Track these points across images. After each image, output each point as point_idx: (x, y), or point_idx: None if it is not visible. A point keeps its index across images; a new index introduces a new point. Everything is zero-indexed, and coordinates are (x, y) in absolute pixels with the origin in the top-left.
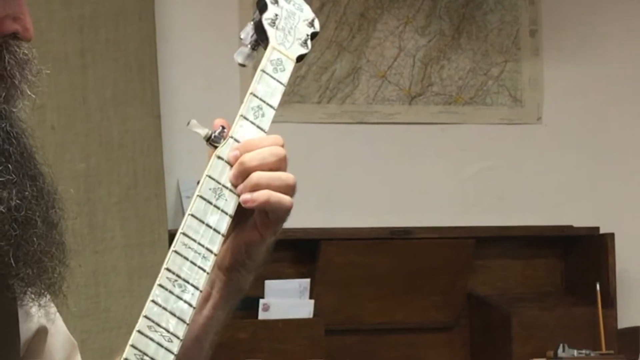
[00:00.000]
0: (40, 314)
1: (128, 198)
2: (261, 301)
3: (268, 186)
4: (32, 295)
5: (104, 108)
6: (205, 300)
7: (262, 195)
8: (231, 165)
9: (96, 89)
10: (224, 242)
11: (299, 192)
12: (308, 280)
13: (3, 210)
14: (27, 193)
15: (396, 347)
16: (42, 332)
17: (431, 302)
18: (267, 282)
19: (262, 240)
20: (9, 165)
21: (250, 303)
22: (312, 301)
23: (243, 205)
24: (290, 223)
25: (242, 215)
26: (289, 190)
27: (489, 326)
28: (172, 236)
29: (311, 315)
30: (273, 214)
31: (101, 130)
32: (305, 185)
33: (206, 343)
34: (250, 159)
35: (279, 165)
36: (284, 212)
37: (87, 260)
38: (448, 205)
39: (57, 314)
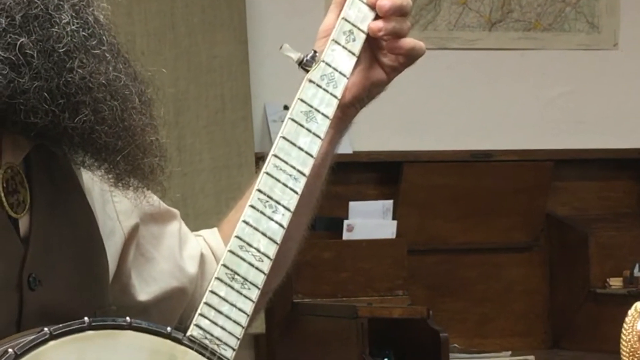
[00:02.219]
0: (123, 219)
1: (216, 121)
2: (345, 222)
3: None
4: (129, 186)
5: (193, 34)
6: None
7: (408, 42)
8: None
9: (184, 15)
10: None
11: (383, 116)
12: (391, 201)
13: (104, 82)
14: (123, 78)
15: (477, 267)
16: (133, 233)
17: (511, 223)
18: (352, 204)
19: (388, 81)
20: (104, 38)
21: (335, 224)
22: (395, 222)
23: (388, 50)
24: (374, 146)
25: (369, 56)
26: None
27: (567, 246)
28: (258, 159)
29: (394, 236)
30: (409, 59)
31: (190, 55)
32: (388, 110)
33: (323, 177)
34: None
35: None
36: (419, 57)
37: (176, 183)
38: (527, 129)
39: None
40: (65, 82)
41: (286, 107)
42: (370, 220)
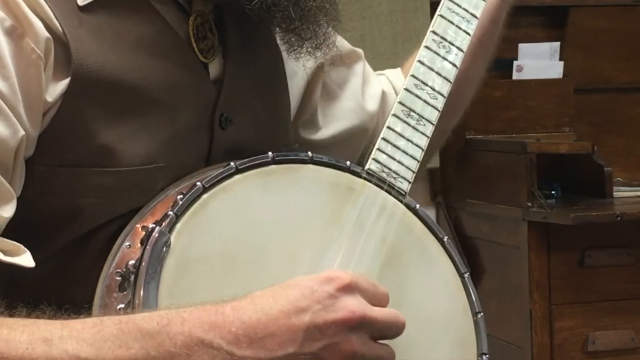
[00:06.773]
0: (306, 68)
1: None
2: (515, 63)
3: None
4: (309, 49)
5: None
6: None
7: None
8: None
9: None
10: None
11: None
12: (558, 43)
13: None
14: None
15: (639, 105)
16: (317, 73)
17: None
18: (521, 45)
19: None
20: None
21: (505, 64)
22: (562, 63)
23: None
24: None
25: None
26: None
27: None
28: (433, 4)
29: (561, 76)
30: None
31: None
32: None
33: (501, 22)
34: None
35: None
36: None
37: (355, 25)
38: None
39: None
40: None
41: None
42: (539, 61)
